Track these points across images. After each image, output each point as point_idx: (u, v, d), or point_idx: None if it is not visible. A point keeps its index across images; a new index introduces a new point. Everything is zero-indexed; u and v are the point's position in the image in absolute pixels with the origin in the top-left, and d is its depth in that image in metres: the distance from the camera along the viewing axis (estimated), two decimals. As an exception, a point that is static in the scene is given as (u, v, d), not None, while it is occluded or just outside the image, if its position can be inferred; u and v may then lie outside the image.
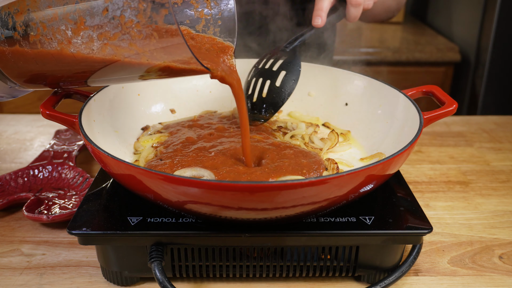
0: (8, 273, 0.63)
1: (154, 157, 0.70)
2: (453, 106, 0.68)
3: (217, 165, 0.64)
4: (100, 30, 0.53)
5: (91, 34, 0.53)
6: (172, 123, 0.82)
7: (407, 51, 1.99)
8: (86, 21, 0.53)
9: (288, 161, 0.66)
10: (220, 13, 0.71)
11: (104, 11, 0.52)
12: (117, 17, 0.52)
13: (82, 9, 0.53)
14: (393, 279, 0.59)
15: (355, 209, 0.60)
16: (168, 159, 0.67)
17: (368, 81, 0.82)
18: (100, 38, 0.54)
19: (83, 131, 0.60)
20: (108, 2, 0.52)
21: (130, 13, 0.51)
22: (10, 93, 0.64)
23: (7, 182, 0.80)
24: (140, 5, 0.51)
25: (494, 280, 0.64)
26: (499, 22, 1.77)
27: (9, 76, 0.61)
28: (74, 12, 0.53)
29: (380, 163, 0.53)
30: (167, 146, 0.72)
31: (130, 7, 0.51)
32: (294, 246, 0.59)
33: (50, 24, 0.55)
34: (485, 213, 0.79)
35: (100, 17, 0.52)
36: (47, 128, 1.07)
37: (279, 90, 0.76)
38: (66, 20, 0.54)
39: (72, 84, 0.64)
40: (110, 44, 0.54)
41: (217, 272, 0.61)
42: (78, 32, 0.54)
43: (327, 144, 0.75)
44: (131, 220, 0.58)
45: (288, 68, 0.76)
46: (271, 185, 0.48)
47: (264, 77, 0.77)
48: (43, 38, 0.55)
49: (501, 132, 1.09)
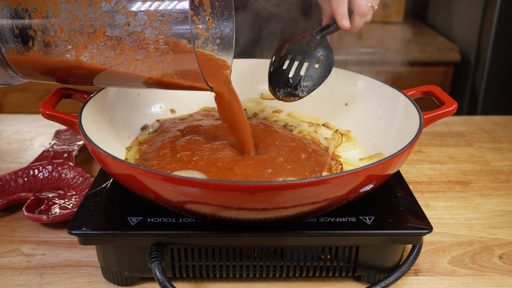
0: (8, 273, 0.63)
1: (139, 157, 0.71)
2: (453, 106, 0.68)
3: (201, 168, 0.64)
4: (118, 42, 0.55)
5: (108, 43, 0.55)
6: (168, 120, 0.82)
7: (407, 51, 1.99)
8: (106, 31, 0.55)
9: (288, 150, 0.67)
10: (220, 33, 0.74)
11: (125, 25, 0.54)
12: (137, 33, 0.54)
13: (104, 19, 0.55)
14: (393, 279, 0.59)
15: (355, 209, 0.60)
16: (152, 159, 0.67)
17: (368, 81, 0.82)
18: (117, 49, 0.55)
19: (83, 131, 0.60)
20: (131, 18, 0.54)
21: (151, 31, 0.54)
22: (8, 81, 0.65)
23: (7, 182, 0.80)
24: (162, 25, 0.53)
25: (494, 280, 0.64)
26: (499, 22, 1.77)
27: (14, 68, 0.61)
28: (95, 21, 0.55)
29: (380, 163, 0.53)
30: (151, 145, 0.72)
31: (152, 26, 0.53)
32: (294, 246, 0.59)
33: (69, 28, 0.56)
34: (485, 213, 0.79)
35: (120, 30, 0.54)
36: (47, 128, 1.07)
37: (317, 73, 0.76)
38: (86, 27, 0.55)
39: (77, 83, 0.65)
40: (125, 55, 0.56)
41: (217, 272, 0.61)
42: (96, 40, 0.55)
43: (332, 144, 0.75)
44: (131, 220, 0.58)
45: (325, 54, 0.77)
46: (271, 185, 0.48)
47: (303, 56, 0.77)
48: (58, 39, 0.57)
49: (501, 132, 1.09)
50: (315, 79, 0.76)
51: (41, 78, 0.64)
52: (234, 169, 0.63)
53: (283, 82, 0.78)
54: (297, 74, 0.77)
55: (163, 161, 0.66)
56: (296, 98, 0.77)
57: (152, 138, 0.76)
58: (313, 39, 0.79)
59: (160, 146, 0.70)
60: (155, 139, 0.75)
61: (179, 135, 0.74)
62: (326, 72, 0.77)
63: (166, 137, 0.74)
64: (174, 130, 0.76)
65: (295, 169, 0.65)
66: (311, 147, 0.72)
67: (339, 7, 0.75)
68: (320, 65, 0.77)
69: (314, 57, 0.77)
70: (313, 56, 0.77)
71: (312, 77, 0.76)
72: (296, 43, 0.79)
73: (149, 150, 0.71)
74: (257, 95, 0.91)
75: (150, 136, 0.78)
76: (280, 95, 0.78)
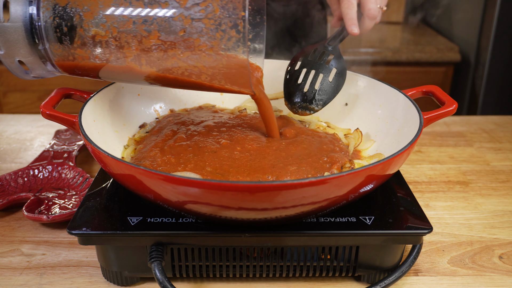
0: (8, 273, 0.63)
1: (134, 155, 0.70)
2: (453, 106, 0.68)
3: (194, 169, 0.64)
4: (172, 46, 0.56)
5: (161, 47, 0.56)
6: (166, 116, 0.82)
7: (407, 51, 1.99)
8: (160, 36, 0.56)
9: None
10: (251, 36, 0.76)
11: (181, 31, 0.55)
12: (192, 39, 0.55)
13: (159, 24, 0.56)
14: (393, 279, 0.59)
15: (355, 209, 0.60)
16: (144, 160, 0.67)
17: (368, 81, 0.82)
18: (169, 53, 0.56)
19: (83, 131, 0.60)
20: (187, 25, 0.54)
21: (207, 39, 0.55)
22: (44, 74, 0.65)
23: (7, 182, 0.80)
24: (218, 34, 0.54)
25: (494, 280, 0.64)
26: (499, 22, 1.77)
27: (56, 64, 0.62)
28: (150, 25, 0.56)
29: (380, 163, 0.53)
30: (145, 145, 0.72)
31: (208, 34, 0.54)
32: (294, 246, 0.59)
33: (122, 30, 0.57)
34: (485, 213, 0.79)
35: (175, 36, 0.55)
36: (47, 128, 1.07)
37: (331, 86, 0.78)
38: (140, 30, 0.56)
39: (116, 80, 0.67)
40: (177, 59, 0.57)
41: (217, 272, 0.61)
42: (149, 43, 0.56)
43: (352, 143, 0.76)
44: (131, 220, 0.58)
45: (338, 66, 0.79)
46: (271, 185, 0.48)
47: (316, 70, 0.79)
48: (110, 40, 0.57)
49: (501, 132, 1.09)
50: (329, 92, 0.78)
51: (81, 74, 0.64)
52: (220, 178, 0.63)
53: (299, 96, 0.80)
54: (312, 88, 0.79)
55: (154, 162, 0.66)
56: (312, 112, 0.79)
57: (147, 137, 0.76)
58: (325, 51, 0.80)
59: (152, 146, 0.70)
60: (149, 138, 0.75)
61: (170, 134, 0.73)
62: (340, 84, 0.79)
63: (158, 137, 0.73)
64: (166, 129, 0.76)
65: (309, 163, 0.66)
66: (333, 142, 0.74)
67: (348, 12, 0.75)
68: (334, 78, 0.79)
69: (327, 70, 0.79)
70: (326, 69, 0.79)
71: (326, 90, 0.78)
72: (310, 56, 0.81)
73: (144, 150, 0.70)
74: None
75: (146, 135, 0.77)
76: (296, 109, 0.80)
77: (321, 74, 0.79)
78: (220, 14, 0.54)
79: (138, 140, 0.76)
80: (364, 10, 0.75)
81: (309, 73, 0.80)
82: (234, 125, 0.77)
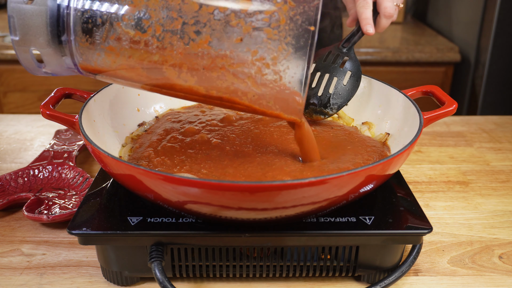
0: (8, 273, 0.63)
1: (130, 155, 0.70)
2: (453, 106, 0.68)
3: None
4: (222, 55, 0.49)
5: (211, 54, 0.49)
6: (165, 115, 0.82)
7: (407, 51, 1.99)
8: (211, 41, 0.49)
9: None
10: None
11: (237, 40, 0.48)
12: (249, 51, 0.48)
13: (213, 28, 0.48)
14: (393, 279, 0.59)
15: (355, 209, 0.60)
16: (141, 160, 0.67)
17: (368, 81, 0.82)
18: (218, 62, 0.49)
19: (83, 131, 0.60)
20: (246, 33, 0.48)
21: (266, 52, 0.48)
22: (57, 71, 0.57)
23: (7, 182, 0.80)
24: (280, 47, 0.48)
25: (494, 280, 0.64)
26: (499, 22, 1.77)
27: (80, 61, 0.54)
28: (202, 27, 0.48)
29: (380, 163, 0.53)
30: (141, 144, 0.72)
31: (268, 46, 0.48)
32: (294, 246, 0.59)
33: (168, 30, 0.49)
34: (485, 213, 0.79)
35: (229, 44, 0.48)
36: (47, 128, 1.07)
37: (346, 89, 0.78)
38: (189, 33, 0.49)
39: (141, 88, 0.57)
40: (226, 70, 0.49)
41: (217, 272, 0.61)
42: (196, 48, 0.49)
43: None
44: (131, 220, 0.58)
45: (353, 68, 0.78)
46: (271, 185, 0.48)
47: (331, 73, 0.79)
48: (151, 40, 0.50)
49: (501, 132, 1.09)
50: (344, 95, 0.78)
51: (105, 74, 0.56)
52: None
53: (313, 100, 0.80)
54: (326, 92, 0.78)
55: (150, 163, 0.66)
56: (326, 116, 0.79)
57: (143, 135, 0.76)
58: (340, 54, 0.79)
59: (147, 146, 0.70)
60: (145, 137, 0.75)
61: (163, 133, 0.73)
62: (354, 87, 0.78)
63: (153, 136, 0.73)
64: (160, 129, 0.76)
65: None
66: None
67: (364, 12, 0.74)
68: (348, 81, 0.78)
69: (342, 73, 0.78)
70: (341, 72, 0.78)
71: (341, 94, 0.78)
72: (323, 60, 0.80)
73: (139, 150, 0.70)
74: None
75: (144, 133, 0.77)
76: (310, 113, 0.79)
77: (335, 78, 0.78)
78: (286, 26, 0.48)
79: (135, 138, 0.76)
80: (380, 8, 0.74)
81: (323, 76, 0.79)
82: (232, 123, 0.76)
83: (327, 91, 0.78)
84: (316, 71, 0.80)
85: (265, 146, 0.70)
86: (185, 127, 0.75)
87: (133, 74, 0.54)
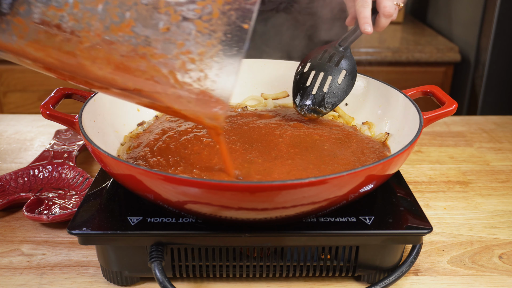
0: (8, 273, 0.63)
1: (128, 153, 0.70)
2: (453, 106, 0.68)
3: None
4: (145, 42, 0.44)
5: (132, 41, 0.44)
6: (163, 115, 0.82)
7: (407, 51, 1.99)
8: (134, 27, 0.44)
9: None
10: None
11: (163, 29, 0.44)
12: (174, 41, 0.44)
13: (139, 12, 0.44)
14: (393, 279, 0.59)
15: (355, 209, 0.60)
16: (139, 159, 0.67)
17: (368, 81, 0.82)
18: (139, 49, 0.45)
19: (83, 131, 0.60)
20: (174, 22, 0.44)
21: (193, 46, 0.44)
22: None
23: (7, 182, 0.80)
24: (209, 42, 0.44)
25: (494, 280, 0.64)
26: (499, 22, 1.77)
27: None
28: (127, 10, 0.44)
29: (380, 163, 0.53)
30: (139, 144, 0.72)
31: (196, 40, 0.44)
32: (294, 246, 0.59)
33: (86, 8, 0.44)
34: (485, 213, 0.79)
35: (154, 31, 0.44)
36: (47, 128, 1.07)
37: (340, 88, 0.78)
38: (111, 14, 0.44)
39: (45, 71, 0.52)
40: (147, 60, 0.45)
41: (217, 272, 0.61)
42: (116, 32, 0.44)
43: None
44: (131, 220, 0.58)
45: (348, 67, 0.78)
46: (271, 185, 0.48)
47: (325, 72, 0.78)
48: (66, 17, 0.45)
49: (501, 132, 1.09)
50: (338, 94, 0.78)
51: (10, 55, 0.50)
52: None
53: (307, 99, 0.79)
54: (320, 91, 0.78)
55: (147, 163, 0.66)
56: (320, 114, 0.79)
57: (141, 134, 0.76)
58: (336, 52, 0.79)
59: (144, 146, 0.70)
60: (143, 136, 0.75)
61: (161, 133, 0.73)
62: (349, 86, 0.78)
63: (151, 135, 0.73)
64: (158, 129, 0.76)
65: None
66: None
67: (362, 10, 0.73)
68: (343, 80, 0.78)
69: (337, 72, 0.78)
70: (336, 71, 0.78)
71: (335, 93, 0.78)
72: (319, 58, 0.80)
73: (137, 149, 0.70)
74: (257, 94, 0.91)
75: (142, 132, 0.77)
76: (304, 112, 0.79)
77: (330, 76, 0.78)
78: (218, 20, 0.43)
79: (134, 137, 0.76)
80: (380, 7, 0.73)
81: (318, 75, 0.79)
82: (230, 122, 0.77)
83: (321, 89, 0.78)
84: (311, 69, 0.80)
85: (251, 143, 0.71)
86: (181, 126, 0.75)
87: (42, 54, 0.48)
